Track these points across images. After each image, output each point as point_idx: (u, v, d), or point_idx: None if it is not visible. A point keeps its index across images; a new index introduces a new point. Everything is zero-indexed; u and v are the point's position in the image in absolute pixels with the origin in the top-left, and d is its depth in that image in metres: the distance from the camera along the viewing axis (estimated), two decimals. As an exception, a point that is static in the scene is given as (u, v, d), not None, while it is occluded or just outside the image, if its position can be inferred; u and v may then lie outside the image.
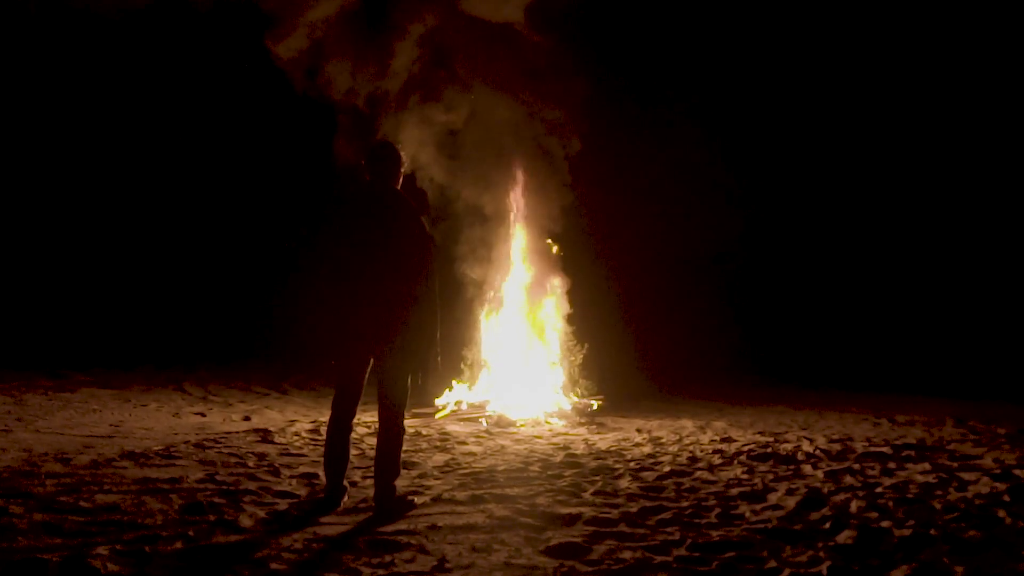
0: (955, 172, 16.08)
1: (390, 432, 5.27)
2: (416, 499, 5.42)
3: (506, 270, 10.31)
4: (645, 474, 6.45)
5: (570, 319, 10.31)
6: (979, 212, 16.09)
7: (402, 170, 5.44)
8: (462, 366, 10.17)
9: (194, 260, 16.41)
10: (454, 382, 10.03)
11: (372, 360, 5.28)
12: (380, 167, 5.35)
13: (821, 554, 4.49)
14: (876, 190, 16.51)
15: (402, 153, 5.47)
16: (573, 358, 10.19)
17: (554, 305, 10.28)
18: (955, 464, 7.06)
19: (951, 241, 16.27)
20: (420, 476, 6.25)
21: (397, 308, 5.15)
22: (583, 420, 9.43)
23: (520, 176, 10.19)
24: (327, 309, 5.24)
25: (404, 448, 7.19)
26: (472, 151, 10.01)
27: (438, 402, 9.72)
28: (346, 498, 5.34)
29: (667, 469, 6.63)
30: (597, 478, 6.25)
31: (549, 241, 10.34)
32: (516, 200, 10.26)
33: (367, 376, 5.33)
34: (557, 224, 10.28)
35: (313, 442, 7.41)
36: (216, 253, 16.39)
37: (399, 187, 5.41)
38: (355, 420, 5.46)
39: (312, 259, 5.47)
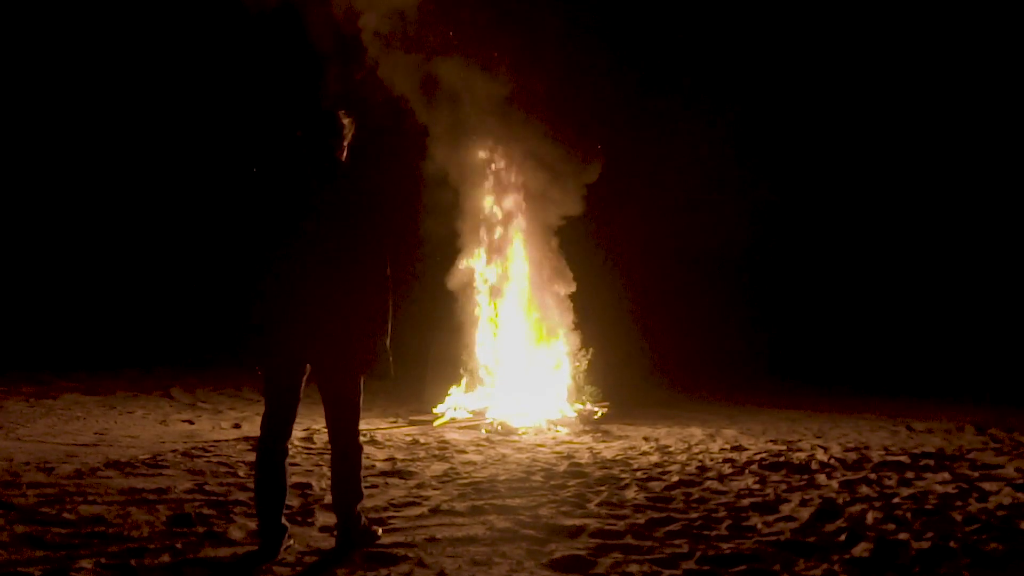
0: (979, 176, 15.97)
1: (347, 449, 4.51)
2: (379, 530, 4.74)
3: (508, 271, 10.17)
4: (652, 484, 6.36)
5: (574, 322, 10.16)
6: (1003, 215, 15.97)
7: (347, 138, 4.65)
8: (461, 371, 10.03)
9: (182, 261, 16.28)
10: (453, 388, 9.90)
11: (308, 365, 4.46)
12: (322, 137, 4.58)
13: (836, 567, 4.42)
14: (896, 191, 16.42)
15: (346, 120, 4.66)
16: (577, 363, 10.05)
17: (558, 307, 10.14)
18: (976, 474, 7.00)
19: (971, 243, 16.17)
20: (418, 486, 6.12)
21: (339, 301, 4.38)
22: (588, 428, 9.31)
23: (523, 171, 10.06)
24: (248, 300, 4.43)
25: (401, 457, 7.17)
26: (471, 144, 9.91)
27: (436, 409, 9.58)
28: (289, 540, 4.45)
29: (675, 479, 6.55)
30: (602, 488, 6.16)
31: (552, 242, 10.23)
32: (518, 198, 10.14)
33: (304, 384, 4.50)
34: (562, 223, 10.16)
35: (306, 450, 7.29)
36: (205, 254, 16.28)
37: (345, 158, 4.70)
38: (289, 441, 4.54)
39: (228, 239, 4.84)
